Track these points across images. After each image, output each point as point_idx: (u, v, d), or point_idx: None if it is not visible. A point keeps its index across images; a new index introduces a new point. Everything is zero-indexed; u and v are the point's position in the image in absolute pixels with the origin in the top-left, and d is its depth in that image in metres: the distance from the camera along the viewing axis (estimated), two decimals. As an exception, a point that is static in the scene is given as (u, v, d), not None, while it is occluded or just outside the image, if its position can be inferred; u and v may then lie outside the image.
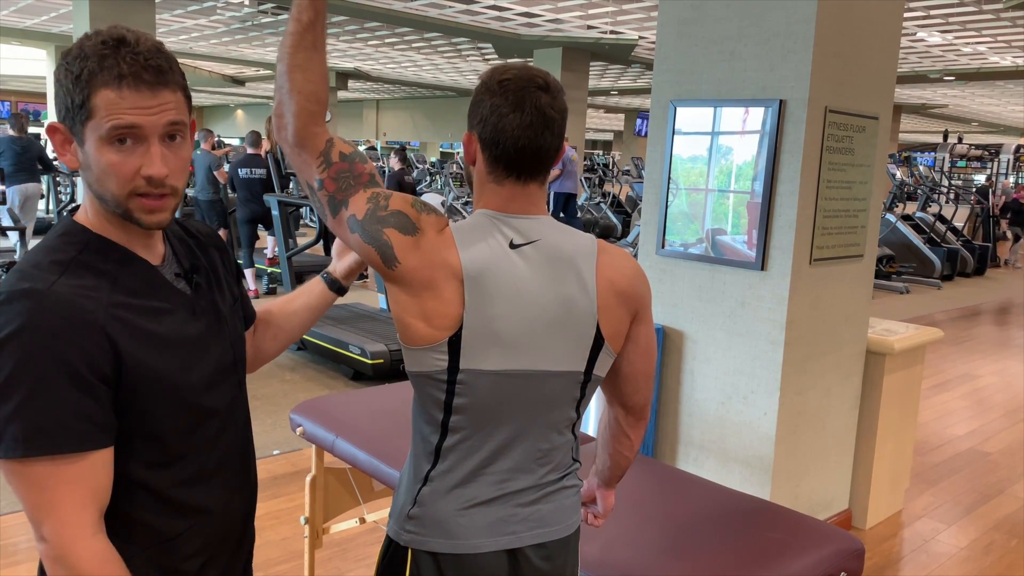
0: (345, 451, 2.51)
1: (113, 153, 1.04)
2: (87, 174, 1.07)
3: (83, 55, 1.03)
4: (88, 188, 1.09)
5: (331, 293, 1.50)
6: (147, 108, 1.03)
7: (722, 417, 3.23)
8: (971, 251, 12.09)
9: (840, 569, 1.92)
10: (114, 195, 1.06)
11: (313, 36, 1.25)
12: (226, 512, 1.21)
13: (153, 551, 1.11)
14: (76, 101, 1.03)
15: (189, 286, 1.18)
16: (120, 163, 1.04)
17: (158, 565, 1.12)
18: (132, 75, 1.02)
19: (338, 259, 1.52)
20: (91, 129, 1.03)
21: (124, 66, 1.02)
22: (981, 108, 20.36)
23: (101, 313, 1.03)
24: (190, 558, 1.15)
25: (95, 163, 1.05)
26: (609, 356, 1.36)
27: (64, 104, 1.04)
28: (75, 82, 1.02)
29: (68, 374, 0.99)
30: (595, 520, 1.61)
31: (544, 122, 1.26)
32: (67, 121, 1.05)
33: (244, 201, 7.87)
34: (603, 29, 11.54)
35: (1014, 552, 3.44)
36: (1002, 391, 6.02)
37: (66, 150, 1.07)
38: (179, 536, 1.13)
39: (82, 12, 9.17)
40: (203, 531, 1.16)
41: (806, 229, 3.01)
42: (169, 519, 1.12)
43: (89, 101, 1.02)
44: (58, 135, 1.07)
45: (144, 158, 1.05)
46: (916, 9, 9.06)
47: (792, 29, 2.90)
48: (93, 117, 1.03)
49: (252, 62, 17.66)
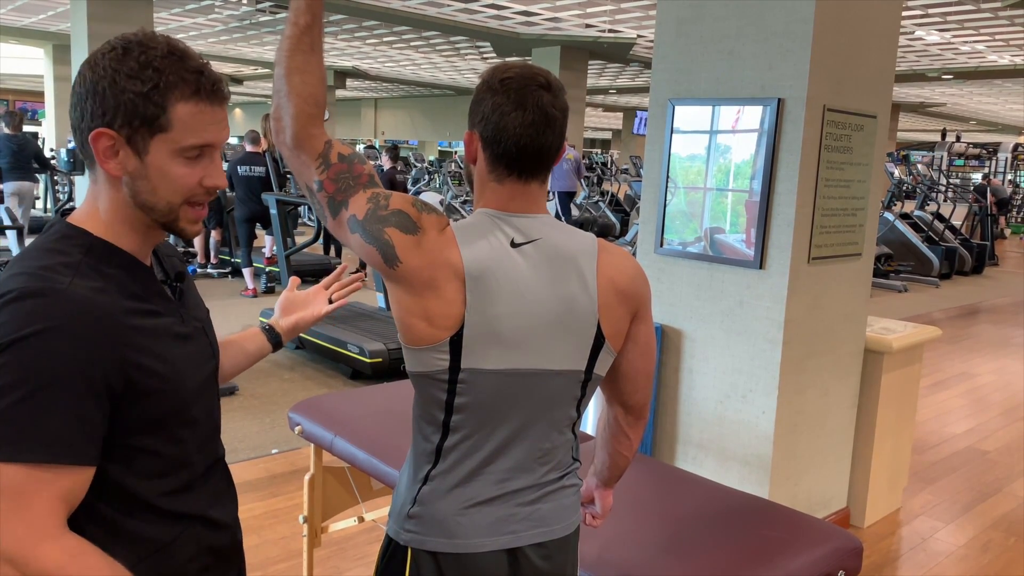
0: (344, 450, 2.51)
1: (183, 166, 1.06)
2: (139, 183, 1.05)
3: (151, 64, 1.01)
4: (131, 197, 1.07)
5: (268, 345, 1.49)
6: (218, 124, 1.07)
7: (721, 416, 3.24)
8: (969, 249, 12.09)
9: (838, 567, 1.92)
10: (170, 203, 1.07)
11: (311, 39, 1.25)
12: (215, 518, 1.20)
13: (152, 560, 1.10)
14: (148, 112, 1.02)
15: (173, 293, 1.17)
16: (188, 175, 1.06)
17: (159, 574, 1.11)
18: (207, 91, 1.04)
19: (283, 314, 1.53)
20: (163, 141, 1.03)
21: (205, 82, 1.04)
22: (979, 107, 20.37)
23: (116, 318, 1.01)
24: (188, 562, 1.14)
25: (158, 174, 1.05)
26: (609, 355, 1.36)
27: (125, 111, 1.02)
28: (148, 92, 1.01)
29: (83, 383, 0.97)
30: (593, 521, 1.61)
31: (546, 121, 1.26)
32: (124, 129, 1.03)
33: (243, 200, 7.86)
34: (601, 28, 11.54)
35: (1012, 550, 3.45)
36: (1000, 390, 6.03)
37: (110, 157, 1.04)
38: (173, 542, 1.12)
39: (80, 11, 9.15)
40: (195, 537, 1.15)
41: (804, 228, 3.01)
42: (162, 527, 1.11)
43: (166, 114, 1.02)
44: (106, 140, 1.03)
45: (208, 169, 1.08)
46: (914, 8, 9.06)
47: (791, 28, 2.90)
48: (168, 130, 1.03)
49: (250, 61, 17.66)
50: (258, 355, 1.49)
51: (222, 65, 18.67)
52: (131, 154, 1.04)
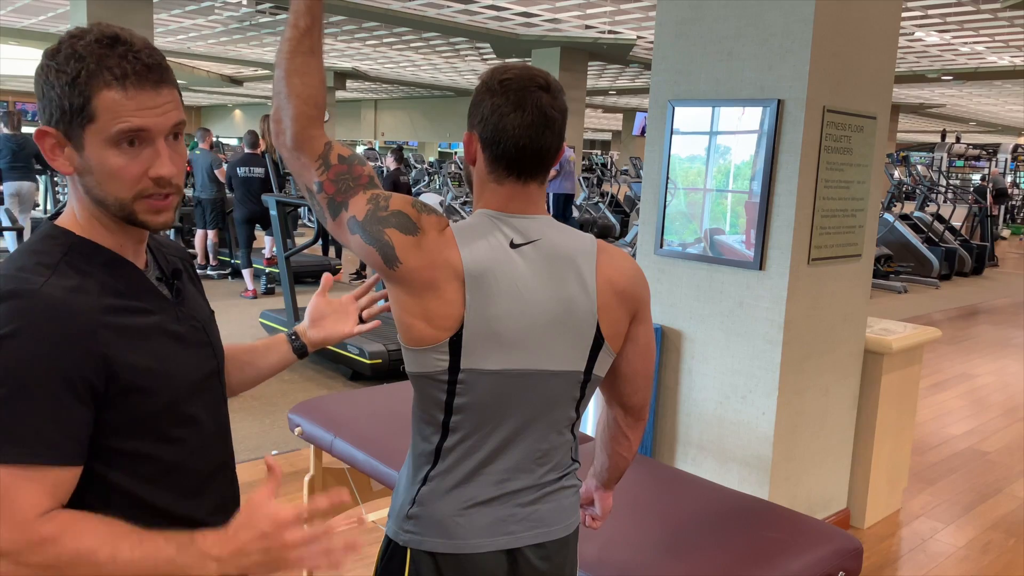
0: (343, 451, 2.51)
1: (119, 156, 1.01)
2: (86, 179, 1.03)
3: (76, 55, 0.98)
4: (84, 193, 1.05)
5: (293, 356, 1.44)
6: (154, 108, 1.01)
7: (720, 417, 3.23)
8: (969, 250, 12.09)
9: (838, 568, 1.92)
10: (118, 199, 1.03)
11: (310, 41, 1.25)
12: (215, 526, 1.18)
13: None
14: (74, 104, 0.98)
15: (170, 291, 1.16)
16: (126, 166, 1.01)
17: None
18: (136, 74, 0.99)
19: (312, 324, 1.48)
20: (93, 133, 0.99)
21: (127, 65, 0.98)
22: (979, 108, 20.38)
23: (93, 316, 0.99)
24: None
25: (98, 167, 1.01)
26: (609, 356, 1.36)
27: (56, 107, 0.99)
28: (71, 84, 0.98)
29: (59, 383, 0.95)
30: (593, 522, 1.61)
31: (545, 122, 1.26)
32: (60, 125, 1.00)
33: (242, 200, 7.86)
34: (601, 29, 11.54)
35: (1012, 551, 3.45)
36: (1000, 390, 6.03)
37: (57, 155, 1.02)
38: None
39: (79, 12, 9.16)
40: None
41: (804, 229, 3.01)
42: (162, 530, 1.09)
43: (90, 104, 0.98)
44: (49, 139, 1.01)
45: (151, 159, 1.02)
46: (914, 9, 9.07)
47: (790, 29, 2.90)
48: (95, 120, 0.99)
49: (250, 62, 17.65)
50: (281, 365, 1.44)
51: (221, 66, 18.68)
52: (72, 150, 1.02)
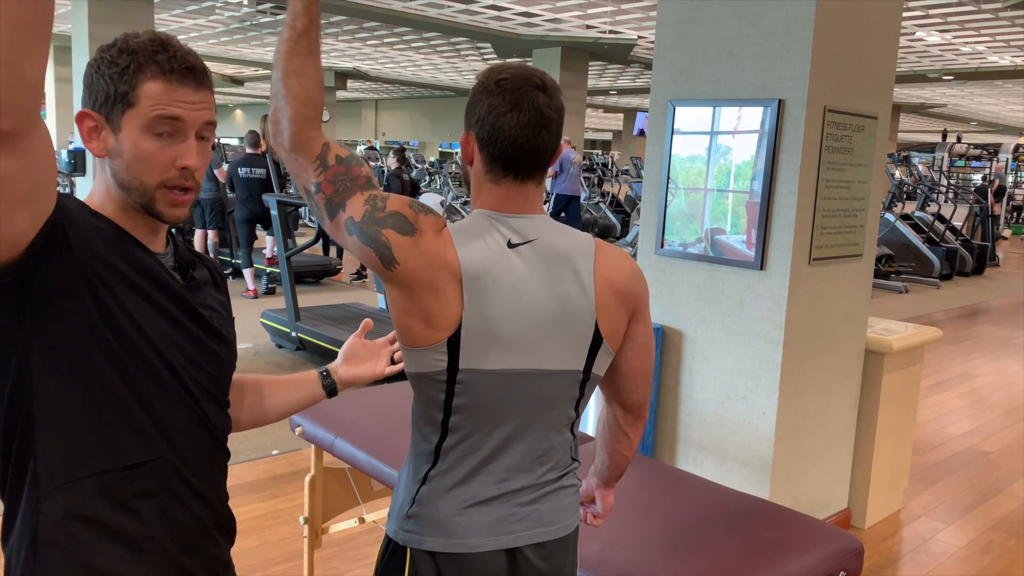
0: (344, 451, 2.51)
1: (151, 142, 1.09)
2: (116, 162, 1.10)
3: (130, 50, 1.08)
4: (111, 176, 1.11)
5: (323, 392, 1.48)
6: (191, 103, 1.10)
7: (721, 417, 3.23)
8: (970, 250, 12.09)
9: (839, 568, 1.92)
10: (143, 183, 1.09)
11: (308, 43, 1.26)
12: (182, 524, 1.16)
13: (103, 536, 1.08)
14: (120, 90, 1.07)
15: (183, 278, 1.17)
16: (157, 152, 1.09)
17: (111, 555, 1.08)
18: (180, 72, 1.09)
19: (345, 362, 1.50)
20: (132, 117, 1.08)
21: (174, 63, 1.08)
22: (980, 107, 20.37)
23: (92, 241, 1.04)
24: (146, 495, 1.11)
25: (130, 151, 1.09)
26: (608, 355, 1.36)
27: (103, 93, 1.08)
28: (121, 73, 1.07)
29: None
30: (594, 520, 1.61)
31: (541, 121, 1.26)
32: (103, 109, 1.09)
33: (243, 201, 7.87)
34: (602, 29, 11.54)
35: (1013, 551, 3.45)
36: (1001, 390, 6.03)
37: (93, 137, 1.10)
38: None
39: (81, 12, 9.16)
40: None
41: (805, 229, 3.01)
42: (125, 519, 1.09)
43: (135, 91, 1.07)
44: (88, 121, 1.10)
45: (180, 150, 1.10)
46: (915, 8, 9.06)
47: (791, 29, 2.90)
48: (136, 105, 1.07)
49: (251, 62, 17.66)
50: (310, 400, 1.47)
51: (223, 66, 18.69)
52: (109, 133, 1.10)
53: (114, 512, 1.08)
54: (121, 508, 1.08)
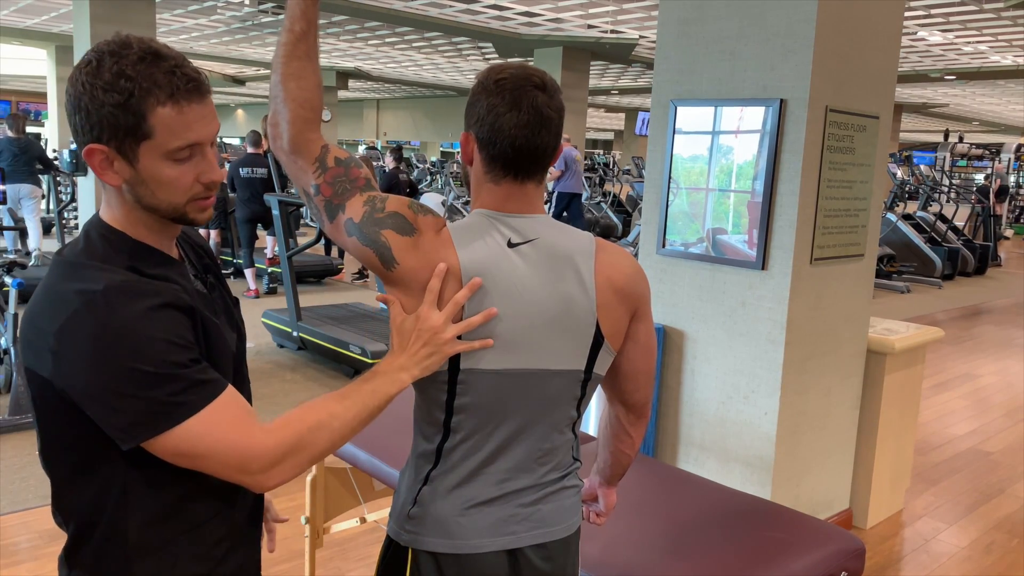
0: (345, 450, 2.51)
1: (173, 168, 1.07)
2: (138, 189, 1.08)
3: (124, 75, 1.02)
4: (135, 201, 1.09)
5: None
6: (202, 120, 1.07)
7: (723, 417, 3.23)
8: (972, 250, 12.07)
9: (841, 568, 1.92)
10: (172, 203, 1.09)
11: (306, 46, 1.26)
12: (242, 501, 1.22)
13: (189, 536, 1.14)
14: (129, 122, 1.03)
15: (204, 285, 1.21)
16: (181, 176, 1.08)
17: (192, 554, 1.15)
18: (185, 90, 1.05)
19: None
20: (150, 148, 1.05)
21: (177, 81, 1.04)
22: (982, 107, 20.34)
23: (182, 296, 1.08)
24: (219, 543, 1.18)
25: (152, 179, 1.07)
26: (609, 354, 1.35)
27: (108, 125, 1.03)
28: (124, 104, 1.02)
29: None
30: (597, 518, 1.61)
31: (541, 121, 1.26)
32: (111, 142, 1.04)
33: (244, 200, 7.87)
34: (604, 28, 11.53)
35: (1015, 552, 3.44)
36: (1003, 391, 6.02)
37: (106, 168, 1.06)
38: (209, 521, 1.16)
39: (82, 12, 9.15)
40: (227, 518, 1.19)
41: (807, 228, 3.01)
42: (202, 505, 1.15)
43: (146, 122, 1.03)
44: (98, 155, 1.05)
45: (201, 166, 1.09)
46: (917, 8, 9.05)
47: (793, 28, 2.90)
48: (152, 137, 1.04)
49: (252, 62, 17.66)
50: None
51: (224, 66, 18.69)
52: (124, 164, 1.06)
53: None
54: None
